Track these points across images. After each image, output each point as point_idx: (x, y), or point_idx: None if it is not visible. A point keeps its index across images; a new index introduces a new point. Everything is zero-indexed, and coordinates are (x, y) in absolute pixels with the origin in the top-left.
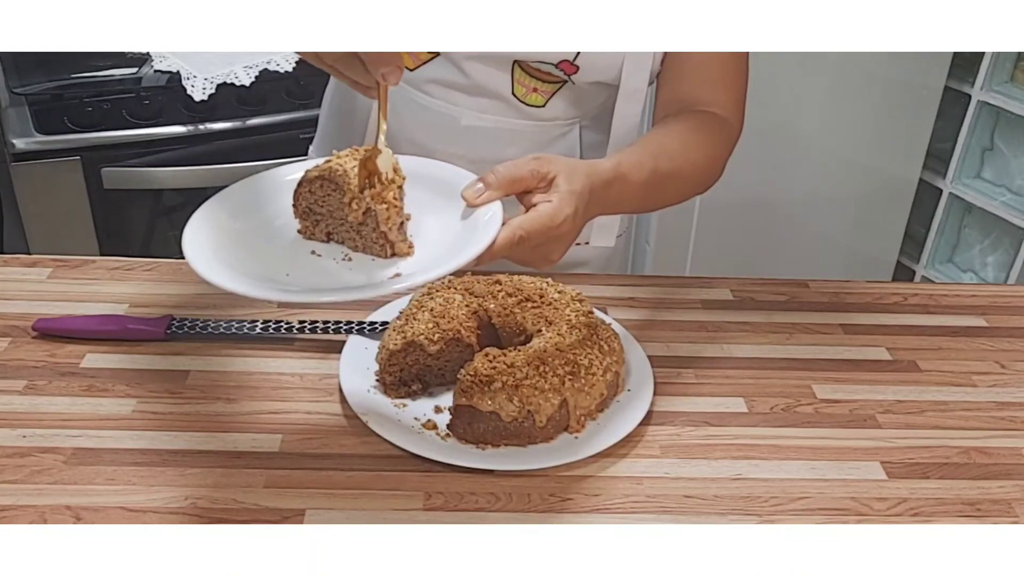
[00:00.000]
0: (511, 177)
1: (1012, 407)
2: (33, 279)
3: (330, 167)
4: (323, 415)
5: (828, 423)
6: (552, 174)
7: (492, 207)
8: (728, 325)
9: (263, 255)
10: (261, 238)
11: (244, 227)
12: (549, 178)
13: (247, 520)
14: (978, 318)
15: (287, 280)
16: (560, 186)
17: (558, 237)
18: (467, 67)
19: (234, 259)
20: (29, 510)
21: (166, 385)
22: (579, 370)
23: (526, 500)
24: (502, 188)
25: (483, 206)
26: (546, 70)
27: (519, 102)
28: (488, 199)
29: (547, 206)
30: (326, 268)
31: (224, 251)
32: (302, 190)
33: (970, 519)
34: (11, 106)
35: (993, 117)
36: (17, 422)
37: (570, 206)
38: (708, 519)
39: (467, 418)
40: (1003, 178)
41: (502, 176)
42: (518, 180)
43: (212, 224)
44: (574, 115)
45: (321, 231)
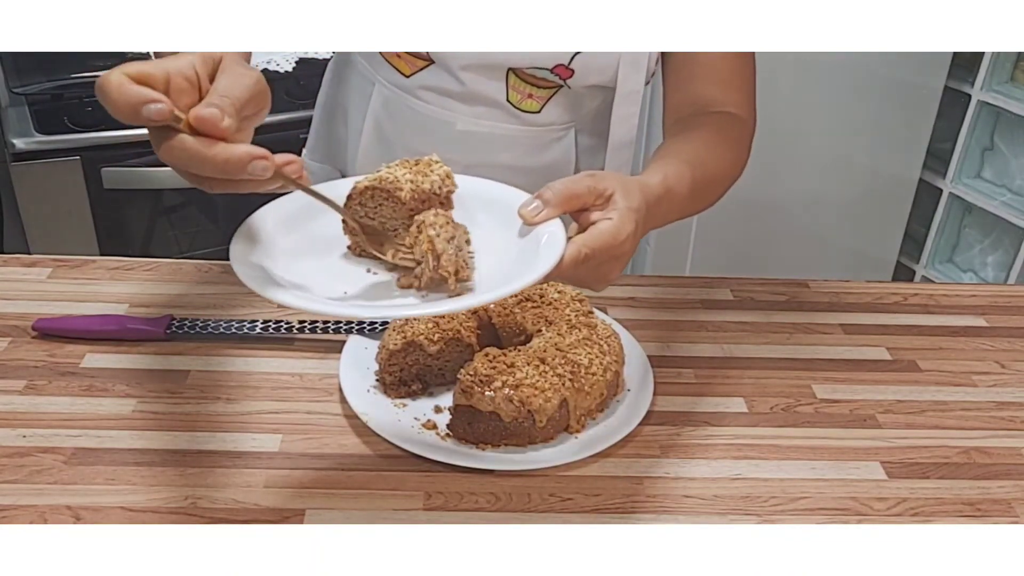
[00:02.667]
0: (568, 194)
1: (1012, 407)
2: (33, 279)
3: (380, 177)
4: (323, 415)
5: (828, 423)
6: (609, 191)
7: (552, 225)
8: (728, 325)
9: (320, 274)
10: (312, 257)
11: (293, 245)
12: (606, 195)
13: (247, 520)
14: (978, 318)
15: (345, 297)
16: (618, 203)
17: (619, 256)
18: (462, 75)
19: (295, 279)
20: (29, 510)
21: (166, 385)
22: (579, 370)
23: (526, 500)
24: (560, 206)
25: (542, 224)
26: (541, 76)
27: (514, 108)
28: (546, 217)
29: (608, 223)
30: (384, 284)
31: (282, 272)
32: (352, 204)
33: (970, 519)
34: (11, 106)
35: (993, 117)
36: (17, 422)
37: (631, 223)
38: (708, 519)
39: (467, 418)
40: (1003, 178)
41: (560, 193)
42: (575, 197)
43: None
44: (569, 120)
45: (374, 245)
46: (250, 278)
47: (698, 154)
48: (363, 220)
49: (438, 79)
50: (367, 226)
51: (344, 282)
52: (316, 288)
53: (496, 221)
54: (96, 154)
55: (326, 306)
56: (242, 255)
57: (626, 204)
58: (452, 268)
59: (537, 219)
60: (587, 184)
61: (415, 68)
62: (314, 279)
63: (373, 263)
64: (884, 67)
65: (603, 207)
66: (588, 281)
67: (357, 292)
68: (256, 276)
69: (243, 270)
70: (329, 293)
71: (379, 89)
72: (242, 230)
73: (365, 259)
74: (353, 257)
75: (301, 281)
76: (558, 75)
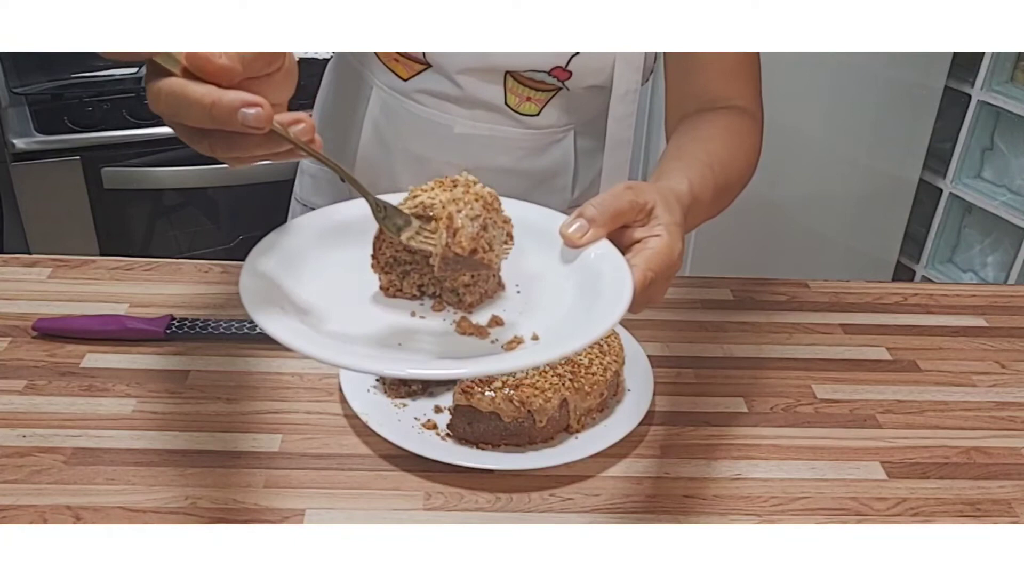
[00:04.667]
0: (613, 211)
1: (1012, 407)
2: (33, 279)
3: (420, 202)
4: (323, 415)
5: (828, 423)
6: (650, 204)
7: (602, 246)
8: (728, 325)
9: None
10: (339, 304)
11: (314, 292)
12: (648, 209)
13: (247, 520)
14: (978, 318)
15: (400, 350)
16: (662, 217)
17: (672, 275)
18: (459, 79)
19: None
20: (29, 510)
21: (166, 385)
22: (579, 370)
23: (526, 500)
24: (606, 225)
25: (588, 246)
26: (539, 79)
27: (512, 111)
28: (593, 238)
29: (659, 241)
30: (438, 331)
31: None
32: (385, 237)
33: (970, 519)
34: (11, 106)
35: (993, 117)
36: (17, 422)
37: (680, 239)
38: (708, 519)
39: (467, 418)
40: (1003, 178)
41: (605, 212)
42: (620, 214)
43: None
44: (568, 122)
45: (411, 285)
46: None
47: (718, 157)
48: (400, 255)
49: (436, 83)
50: (403, 262)
51: (391, 332)
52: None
53: (542, 248)
54: (96, 154)
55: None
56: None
57: (671, 218)
58: (468, 245)
59: (583, 240)
60: (629, 199)
61: (413, 72)
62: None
63: (414, 305)
64: (884, 67)
65: (644, 223)
66: (641, 305)
67: (411, 344)
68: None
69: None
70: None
71: (377, 93)
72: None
73: (400, 299)
74: (386, 299)
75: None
76: (556, 77)
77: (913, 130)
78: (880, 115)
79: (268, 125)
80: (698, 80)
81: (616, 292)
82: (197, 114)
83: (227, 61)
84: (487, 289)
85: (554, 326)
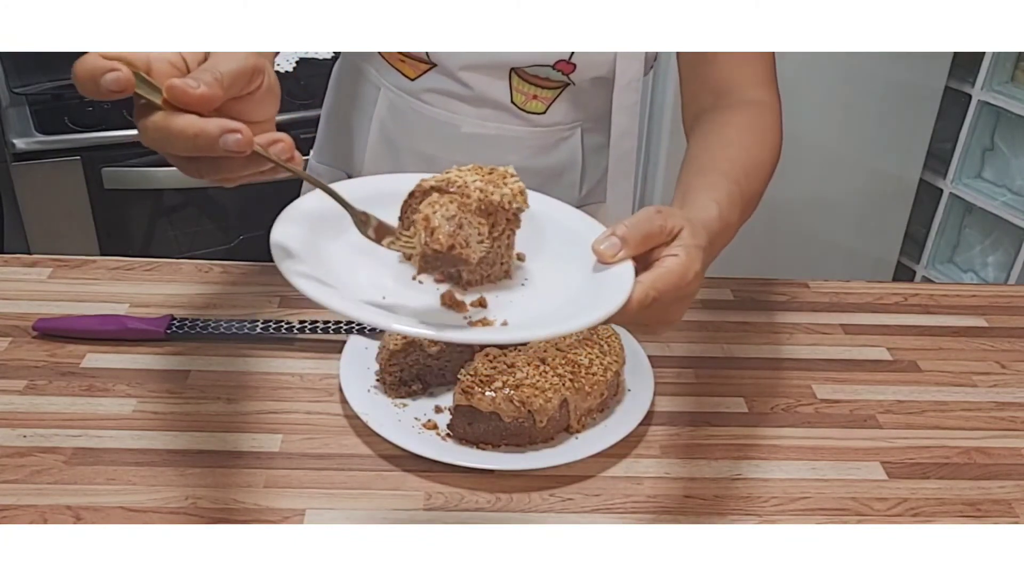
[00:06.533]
0: (644, 234)
1: (1012, 407)
2: (33, 279)
3: (448, 178)
4: (323, 415)
5: (828, 423)
6: (677, 227)
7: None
8: (728, 325)
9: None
10: (360, 260)
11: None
12: (675, 232)
13: (247, 520)
14: (978, 318)
15: (386, 304)
16: (685, 239)
17: (685, 296)
18: (464, 77)
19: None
20: (29, 510)
21: (166, 385)
22: (579, 370)
23: (526, 500)
24: (637, 247)
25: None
26: (544, 75)
27: (519, 110)
28: (624, 257)
29: (675, 261)
30: (425, 298)
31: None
32: (412, 201)
33: (970, 519)
34: (11, 106)
35: (993, 117)
36: (17, 422)
37: (699, 261)
38: (708, 519)
39: (467, 418)
40: (1003, 178)
41: (637, 233)
42: (650, 236)
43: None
44: (575, 119)
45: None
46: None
47: (742, 165)
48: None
49: (442, 82)
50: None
51: (389, 289)
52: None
53: (564, 248)
54: (96, 154)
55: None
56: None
57: (694, 241)
58: (446, 241)
59: (616, 259)
60: (659, 224)
61: (419, 72)
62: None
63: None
64: (884, 67)
65: (668, 243)
66: (652, 325)
67: (398, 301)
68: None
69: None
70: (364, 295)
71: (384, 93)
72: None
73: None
74: (404, 266)
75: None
76: (560, 71)
77: (913, 130)
78: (880, 115)
79: (249, 148)
80: (711, 70)
81: (604, 301)
82: (183, 144)
83: (206, 89)
84: (490, 273)
85: (529, 319)
